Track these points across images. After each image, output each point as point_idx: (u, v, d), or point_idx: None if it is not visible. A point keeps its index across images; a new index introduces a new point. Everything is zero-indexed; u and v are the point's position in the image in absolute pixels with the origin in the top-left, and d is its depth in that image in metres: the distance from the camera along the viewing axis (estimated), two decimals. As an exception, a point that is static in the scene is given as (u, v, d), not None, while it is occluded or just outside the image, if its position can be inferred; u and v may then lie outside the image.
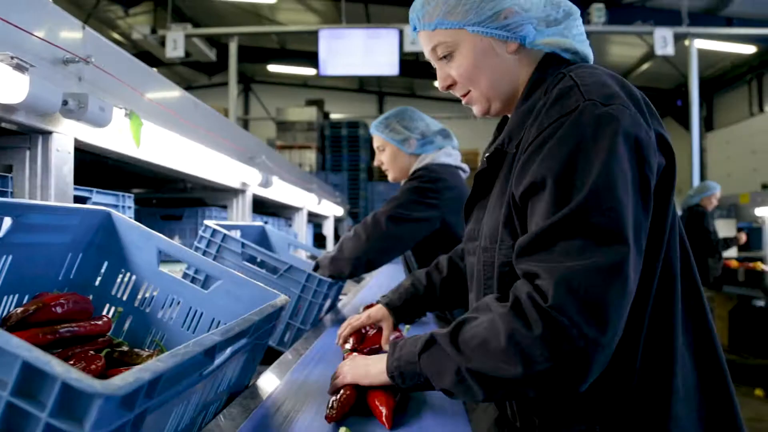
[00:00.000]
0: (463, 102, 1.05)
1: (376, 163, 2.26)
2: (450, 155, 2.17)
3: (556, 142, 0.80)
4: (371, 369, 0.99)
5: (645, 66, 10.38)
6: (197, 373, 0.74)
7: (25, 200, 1.10)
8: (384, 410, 0.95)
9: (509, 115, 1.02)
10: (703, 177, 9.62)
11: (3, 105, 1.09)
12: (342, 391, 0.99)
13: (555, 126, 0.81)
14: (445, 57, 1.00)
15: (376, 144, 2.23)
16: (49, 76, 1.21)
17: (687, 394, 0.85)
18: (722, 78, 10.84)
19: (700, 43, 7.89)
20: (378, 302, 1.51)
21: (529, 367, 0.73)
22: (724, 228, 6.78)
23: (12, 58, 1.01)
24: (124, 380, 0.50)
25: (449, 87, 1.03)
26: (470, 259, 1.06)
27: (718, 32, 7.96)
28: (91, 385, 0.47)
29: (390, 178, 2.26)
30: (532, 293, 0.75)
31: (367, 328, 1.49)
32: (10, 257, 0.98)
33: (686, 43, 7.78)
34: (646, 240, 0.80)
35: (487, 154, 1.00)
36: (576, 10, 1.00)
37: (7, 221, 0.95)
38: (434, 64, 1.04)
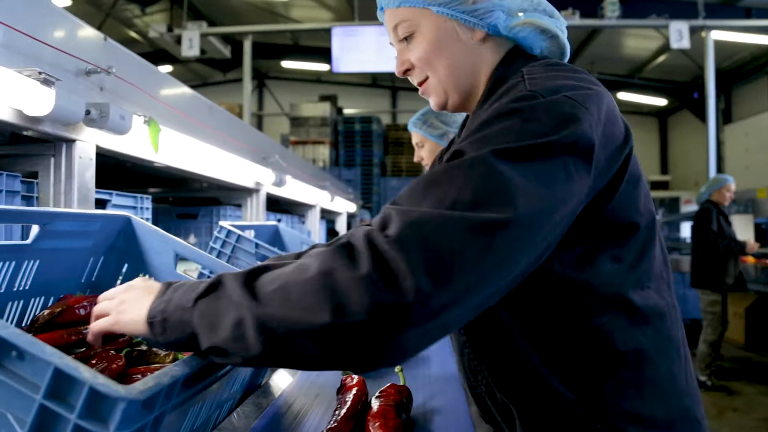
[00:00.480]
0: (420, 92, 0.98)
1: (416, 159, 2.30)
2: None
3: (480, 120, 0.73)
4: (128, 311, 0.76)
5: (661, 58, 10.27)
6: (212, 376, 0.79)
7: (51, 209, 1.15)
8: None
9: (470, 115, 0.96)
10: (720, 170, 9.51)
11: (30, 116, 1.14)
12: (336, 423, 0.91)
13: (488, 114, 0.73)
14: (406, 39, 0.93)
15: (414, 140, 2.27)
16: (73, 87, 1.27)
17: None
18: (741, 69, 10.69)
19: (717, 35, 7.79)
20: None
21: (339, 315, 0.58)
22: (741, 224, 6.69)
23: (39, 73, 1.07)
24: (145, 385, 0.55)
25: (406, 72, 0.96)
26: None
27: (735, 24, 7.85)
28: (116, 390, 0.51)
29: None
30: (372, 231, 0.63)
31: None
32: (37, 262, 1.04)
33: (703, 35, 7.70)
34: (557, 235, 0.70)
35: (444, 158, 0.90)
36: (558, 15, 0.93)
37: (35, 229, 1.01)
38: (395, 47, 0.97)
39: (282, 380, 1.22)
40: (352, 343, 0.59)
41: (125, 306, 0.77)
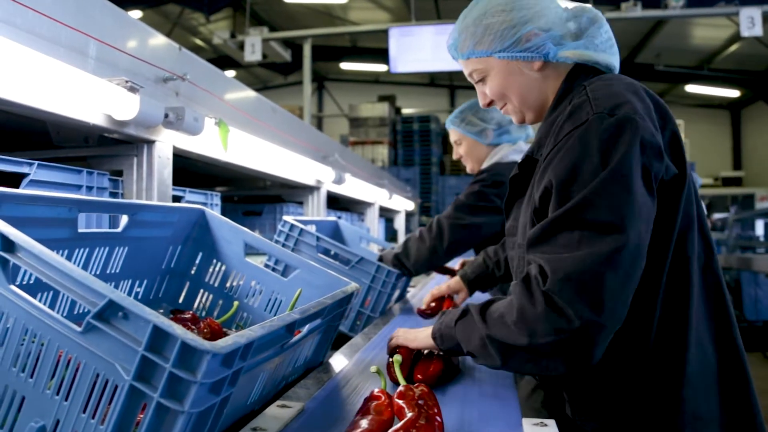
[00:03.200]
0: (502, 112, 1.19)
1: (454, 156, 2.34)
2: (521, 151, 2.22)
3: (564, 152, 0.91)
4: (419, 335, 1.14)
5: (733, 47, 9.83)
6: (279, 345, 0.89)
7: (137, 201, 1.29)
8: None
9: None
10: (798, 165, 9.00)
11: (118, 121, 1.28)
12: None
13: (566, 138, 0.92)
14: (481, 80, 1.14)
15: (453, 138, 2.31)
16: (153, 93, 1.41)
17: (705, 382, 0.94)
18: (821, 57, 10.08)
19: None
20: (457, 274, 1.87)
21: (533, 339, 0.84)
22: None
23: (126, 81, 1.21)
24: (225, 342, 0.64)
25: (489, 104, 1.18)
26: (510, 253, 1.20)
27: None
28: (202, 344, 0.61)
29: (468, 169, 2.33)
30: (538, 276, 0.87)
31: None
32: (126, 248, 1.18)
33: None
34: (650, 232, 0.89)
35: (519, 161, 1.13)
36: (600, 18, 1.09)
37: (124, 218, 1.14)
38: (474, 84, 1.18)
39: (341, 361, 1.31)
40: (546, 357, 0.85)
41: (419, 331, 1.15)
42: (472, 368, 1.23)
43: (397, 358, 1.04)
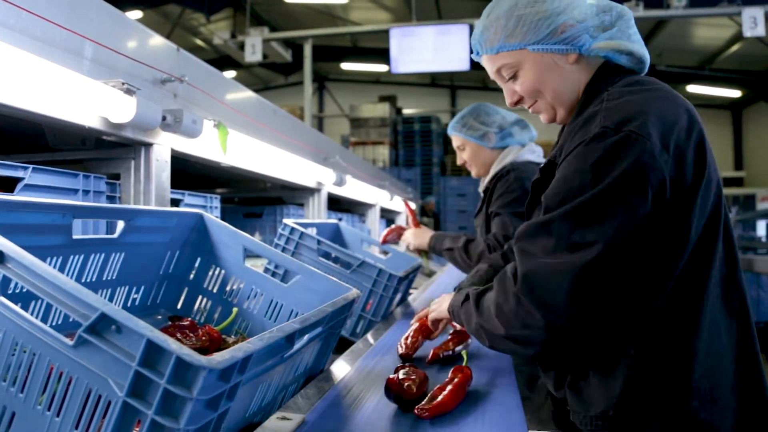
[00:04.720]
0: (530, 111, 1.14)
1: (458, 162, 2.32)
2: (533, 152, 2.20)
3: (567, 162, 0.95)
4: (440, 308, 1.36)
5: (735, 47, 9.79)
6: (279, 356, 0.86)
7: (134, 206, 1.26)
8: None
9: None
10: (800, 165, 8.96)
11: (114, 123, 1.26)
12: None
13: (575, 149, 0.94)
14: (512, 77, 1.09)
15: (455, 144, 2.28)
16: (151, 95, 1.39)
17: (721, 401, 0.92)
18: (824, 58, 10.04)
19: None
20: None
21: (507, 330, 0.98)
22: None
23: (123, 84, 1.18)
24: (222, 357, 0.62)
25: (517, 102, 1.13)
26: None
27: (817, 9, 7.36)
28: (198, 359, 0.59)
29: (474, 174, 2.31)
30: (511, 277, 0.98)
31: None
32: (122, 255, 1.15)
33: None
34: (637, 250, 0.90)
35: (541, 165, 1.10)
36: (628, 12, 1.06)
37: (120, 224, 1.12)
38: (500, 84, 1.14)
39: (342, 368, 1.28)
40: (518, 344, 0.99)
41: (439, 306, 1.37)
42: (479, 376, 1.20)
43: None
